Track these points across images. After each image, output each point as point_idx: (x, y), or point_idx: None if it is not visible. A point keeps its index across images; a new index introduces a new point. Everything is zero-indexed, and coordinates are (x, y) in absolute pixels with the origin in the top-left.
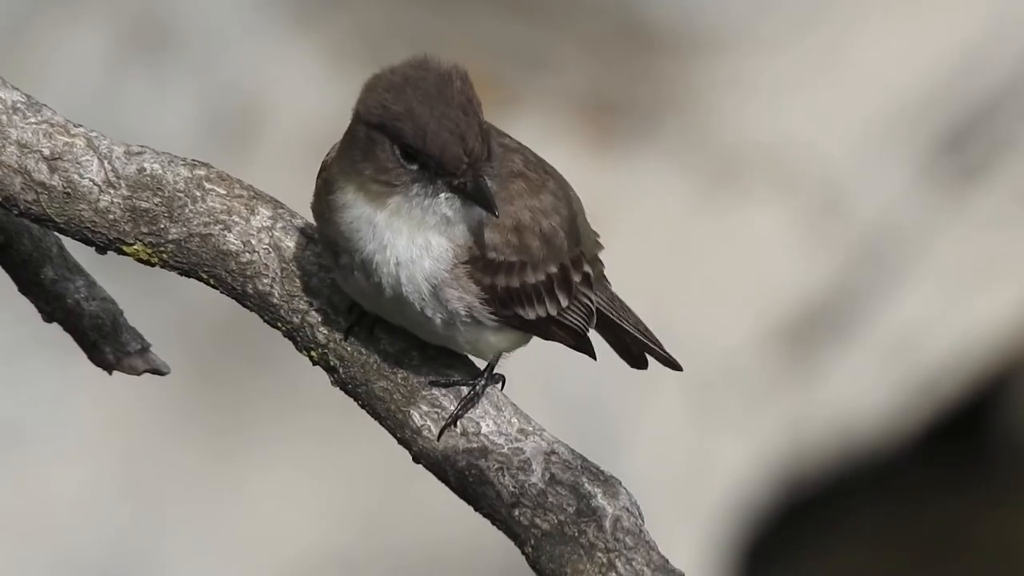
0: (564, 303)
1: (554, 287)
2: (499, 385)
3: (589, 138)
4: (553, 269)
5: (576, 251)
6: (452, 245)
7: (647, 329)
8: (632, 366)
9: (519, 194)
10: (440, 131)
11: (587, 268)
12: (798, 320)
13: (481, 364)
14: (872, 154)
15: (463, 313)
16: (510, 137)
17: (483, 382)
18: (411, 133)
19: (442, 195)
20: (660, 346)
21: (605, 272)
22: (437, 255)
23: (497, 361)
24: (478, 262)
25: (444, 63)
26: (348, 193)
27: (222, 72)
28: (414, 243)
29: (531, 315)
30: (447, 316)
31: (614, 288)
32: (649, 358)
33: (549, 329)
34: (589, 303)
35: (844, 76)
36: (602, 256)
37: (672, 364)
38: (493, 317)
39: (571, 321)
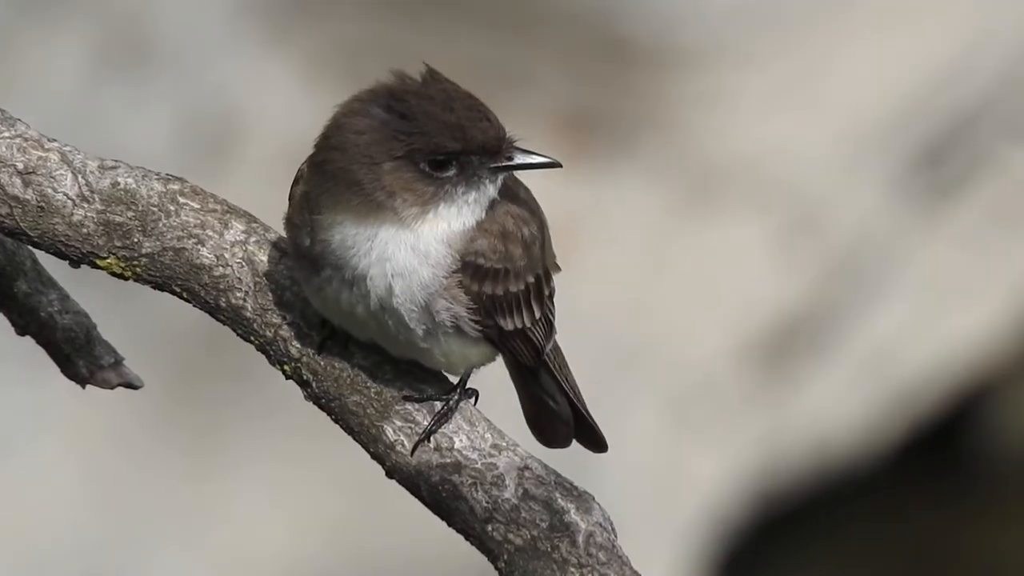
0: (537, 314)
1: (531, 297)
2: (472, 400)
3: (566, 152)
4: (531, 279)
5: (545, 264)
6: (451, 251)
7: (580, 394)
8: (542, 442)
9: (500, 200)
10: (472, 125)
11: (553, 284)
12: (774, 334)
13: (454, 379)
14: (848, 170)
15: (448, 324)
16: None
17: (456, 397)
18: (450, 139)
19: (485, 179)
20: (591, 416)
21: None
22: (436, 262)
23: (469, 376)
24: (468, 269)
25: (416, 72)
26: (339, 214)
27: (198, 86)
28: (415, 253)
29: (509, 325)
30: (432, 327)
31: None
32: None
33: (514, 342)
34: (551, 319)
35: (820, 92)
36: (577, 269)
37: (598, 444)
38: (477, 327)
39: (536, 336)
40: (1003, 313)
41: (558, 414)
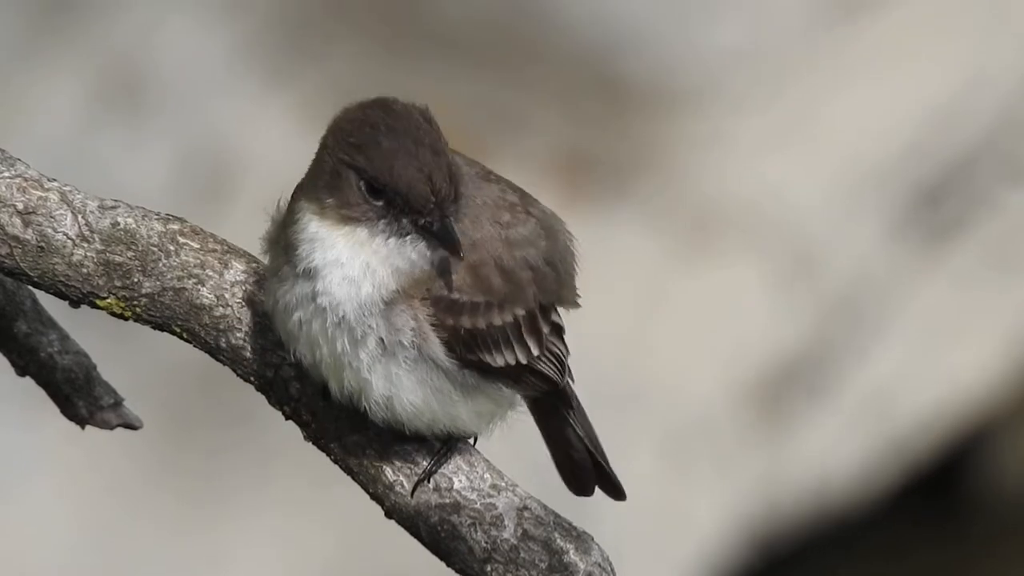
0: (535, 351)
1: (522, 332)
2: (471, 440)
3: (563, 194)
4: (521, 312)
5: (554, 295)
6: (398, 276)
7: (599, 443)
8: (573, 491)
9: (488, 225)
10: (407, 168)
11: (558, 320)
12: (772, 376)
13: None
14: (846, 211)
15: (411, 352)
16: (494, 173)
17: (454, 440)
18: (377, 167)
19: (408, 237)
20: (609, 465)
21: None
22: (380, 282)
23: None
24: (440, 303)
25: (411, 104)
26: (307, 213)
27: (196, 126)
28: (364, 265)
29: (499, 361)
30: (387, 347)
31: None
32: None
33: (522, 377)
34: (561, 356)
35: (818, 134)
36: (574, 311)
37: (617, 491)
38: (452, 360)
39: (545, 368)
40: (1001, 355)
41: (580, 463)
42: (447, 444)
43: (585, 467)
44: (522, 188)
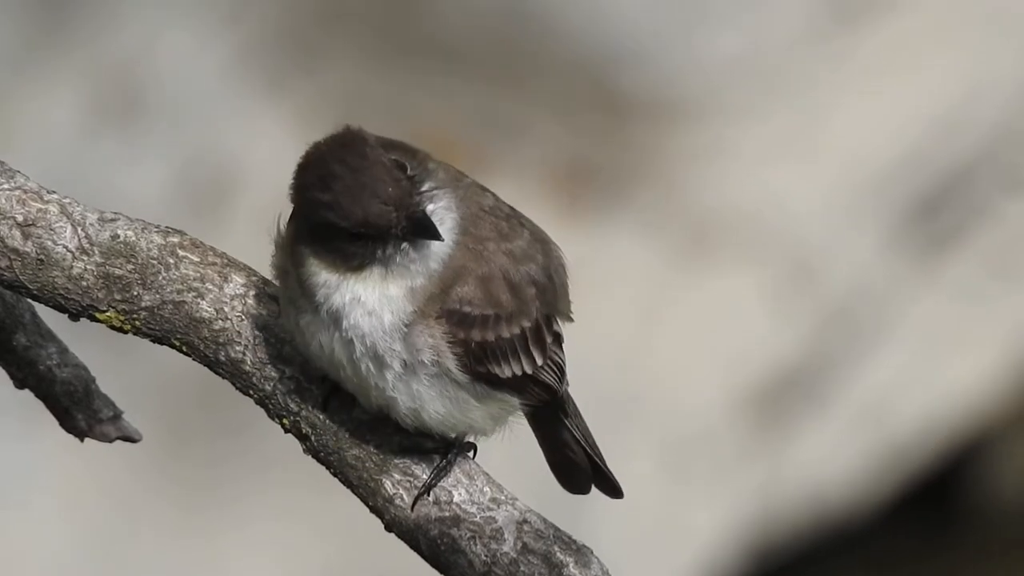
0: (539, 361)
1: (528, 343)
2: (471, 453)
3: (562, 205)
4: (527, 323)
5: (554, 306)
6: (412, 297)
7: (595, 443)
8: (568, 489)
9: (490, 240)
10: (354, 205)
11: (558, 328)
12: (770, 385)
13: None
14: (845, 221)
15: (430, 369)
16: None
17: (455, 450)
18: (338, 218)
19: (398, 254)
20: (606, 465)
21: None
22: (398, 308)
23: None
24: (453, 317)
25: (334, 133)
26: (313, 262)
27: (193, 138)
28: (382, 296)
29: (506, 372)
30: (409, 374)
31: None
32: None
33: (526, 387)
34: (562, 364)
35: (817, 144)
36: (574, 320)
37: (614, 490)
38: (464, 373)
39: (547, 377)
40: (999, 365)
41: (576, 462)
42: (447, 457)
43: (582, 466)
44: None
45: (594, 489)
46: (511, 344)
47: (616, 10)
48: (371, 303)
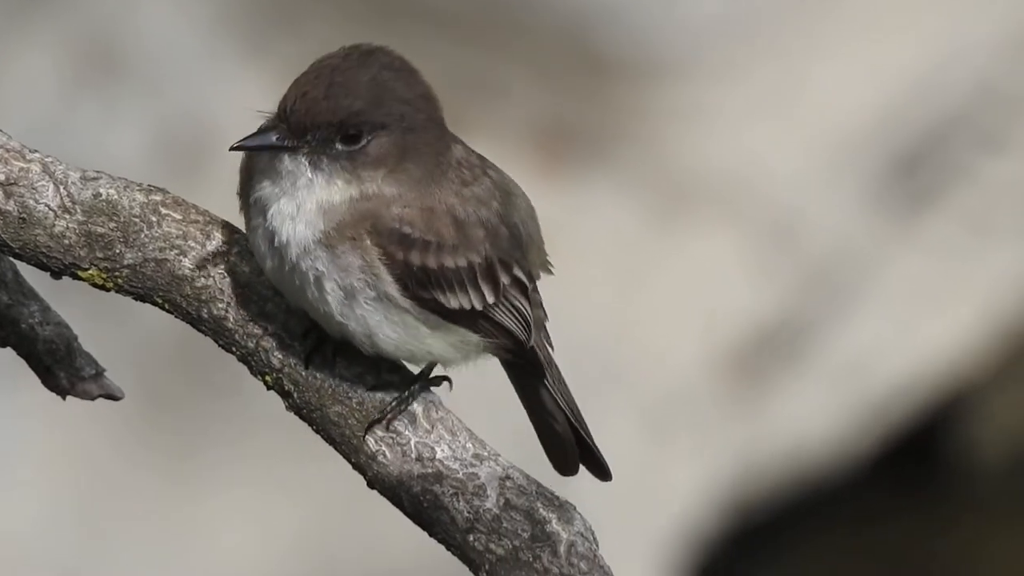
0: (490, 299)
1: (477, 277)
2: (445, 384)
3: (541, 164)
4: (476, 259)
5: (512, 254)
6: (326, 213)
7: (581, 417)
8: (557, 469)
9: (447, 181)
10: (296, 84)
11: (521, 276)
12: (749, 345)
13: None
14: (823, 180)
15: (369, 291)
16: (464, 144)
17: (422, 381)
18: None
19: (312, 161)
20: (593, 441)
21: (546, 325)
22: (311, 220)
23: (433, 367)
24: (393, 235)
25: (369, 47)
26: (260, 176)
27: (174, 100)
28: (297, 207)
29: (453, 303)
30: (348, 292)
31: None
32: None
33: (478, 323)
34: (524, 310)
35: (796, 103)
36: (553, 282)
37: (602, 471)
38: (406, 296)
39: (502, 317)
40: (978, 322)
41: (562, 436)
42: (412, 387)
43: (567, 441)
44: (480, 154)
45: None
46: (457, 275)
47: None
48: (287, 210)
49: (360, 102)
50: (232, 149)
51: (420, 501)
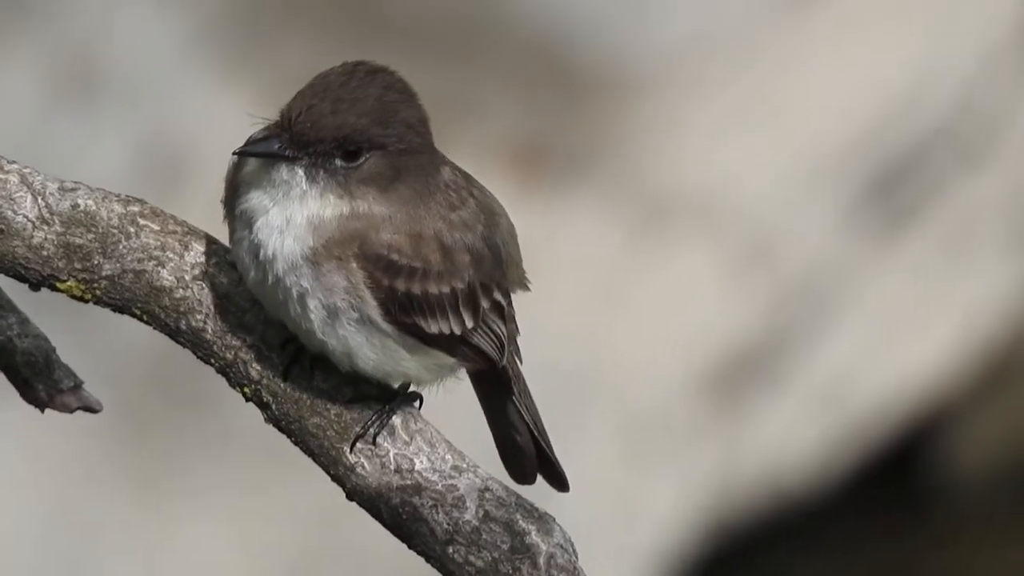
0: (470, 324)
1: (459, 304)
2: (417, 404)
3: (518, 181)
4: (459, 285)
5: (494, 276)
6: (316, 229)
7: (544, 430)
8: (514, 478)
9: (435, 204)
10: (300, 98)
11: (500, 299)
12: (728, 364)
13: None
14: (802, 198)
15: (352, 313)
16: (451, 164)
17: (399, 399)
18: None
19: (306, 175)
20: (553, 453)
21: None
22: (300, 235)
23: (408, 385)
24: (380, 262)
25: (369, 65)
26: (247, 184)
27: (152, 116)
28: (286, 219)
29: (433, 328)
30: (331, 312)
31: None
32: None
33: (456, 348)
34: (500, 333)
35: (774, 120)
36: (531, 299)
37: (560, 482)
38: (388, 321)
39: (479, 341)
40: (956, 341)
41: (523, 448)
42: (389, 405)
43: (527, 452)
44: (467, 172)
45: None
46: (439, 301)
47: None
48: (276, 223)
49: (365, 120)
50: (235, 154)
51: (399, 513)
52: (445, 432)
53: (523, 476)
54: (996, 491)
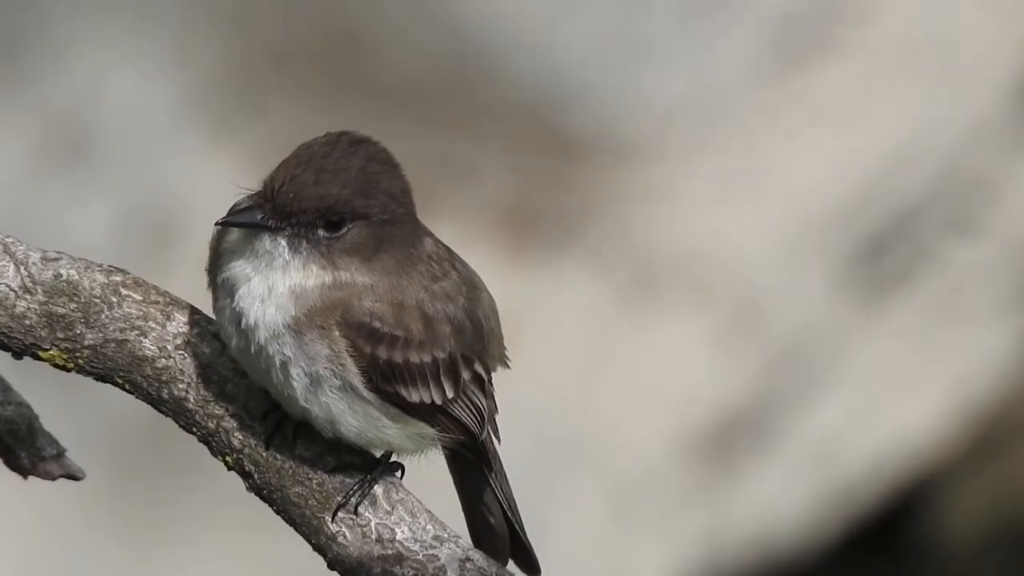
0: (450, 394)
1: (440, 373)
2: (398, 473)
3: (507, 247)
4: (440, 354)
5: (474, 348)
6: (298, 298)
7: (517, 510)
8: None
9: (417, 275)
10: (283, 168)
11: (480, 371)
12: (716, 428)
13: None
14: (792, 263)
15: (334, 381)
16: (433, 236)
17: (381, 468)
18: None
19: (289, 245)
20: (526, 535)
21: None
22: (282, 304)
23: (391, 454)
24: (363, 329)
25: (351, 135)
26: (230, 253)
27: (140, 180)
28: (268, 288)
29: (414, 397)
30: (314, 380)
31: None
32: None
33: (436, 418)
34: (481, 405)
35: (763, 185)
36: (519, 364)
37: (531, 567)
38: (370, 388)
39: (459, 412)
40: (946, 406)
41: (495, 529)
42: (371, 475)
43: (500, 534)
44: (448, 246)
45: (537, 535)
46: (420, 370)
47: (562, 51)
48: (258, 291)
49: (348, 191)
50: (218, 224)
51: None
52: (427, 502)
53: (495, 557)
54: (985, 555)
